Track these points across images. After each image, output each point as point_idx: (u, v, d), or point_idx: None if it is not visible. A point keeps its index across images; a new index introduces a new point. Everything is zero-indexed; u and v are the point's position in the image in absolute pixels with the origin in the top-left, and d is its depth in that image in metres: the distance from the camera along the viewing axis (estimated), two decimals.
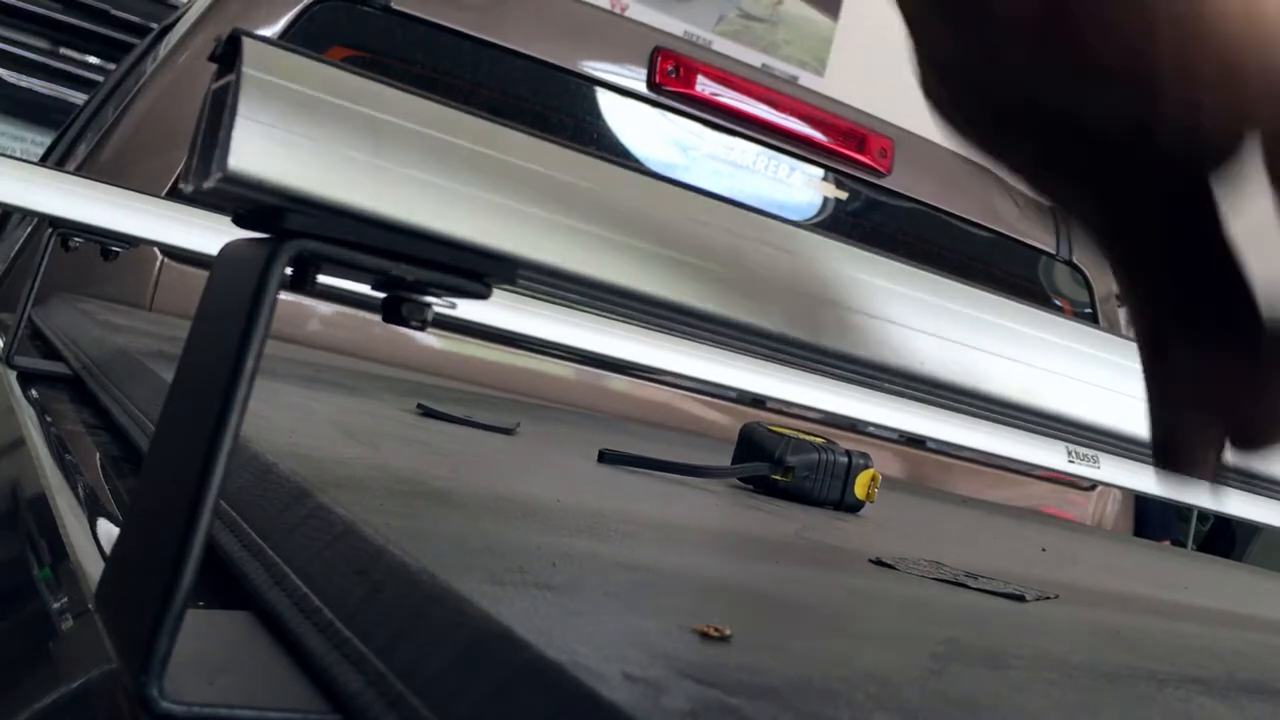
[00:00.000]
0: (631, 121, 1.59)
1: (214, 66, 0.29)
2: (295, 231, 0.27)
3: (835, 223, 1.72)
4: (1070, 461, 1.21)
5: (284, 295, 0.28)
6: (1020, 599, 0.49)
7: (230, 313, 0.28)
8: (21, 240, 1.50)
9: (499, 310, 1.00)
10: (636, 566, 0.40)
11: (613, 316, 0.91)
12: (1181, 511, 3.89)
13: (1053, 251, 1.87)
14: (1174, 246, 0.24)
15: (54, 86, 3.42)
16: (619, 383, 1.51)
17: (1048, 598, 0.51)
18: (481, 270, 0.30)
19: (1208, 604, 0.77)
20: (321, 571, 0.34)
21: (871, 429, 1.51)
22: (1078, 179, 0.24)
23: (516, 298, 0.90)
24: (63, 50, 3.49)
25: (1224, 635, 0.58)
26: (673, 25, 4.32)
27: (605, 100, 1.57)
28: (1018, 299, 0.46)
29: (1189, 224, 0.23)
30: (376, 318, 0.32)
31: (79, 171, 1.39)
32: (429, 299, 0.30)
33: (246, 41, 0.27)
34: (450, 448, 0.66)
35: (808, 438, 0.78)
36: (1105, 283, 1.94)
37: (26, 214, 1.27)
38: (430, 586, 0.29)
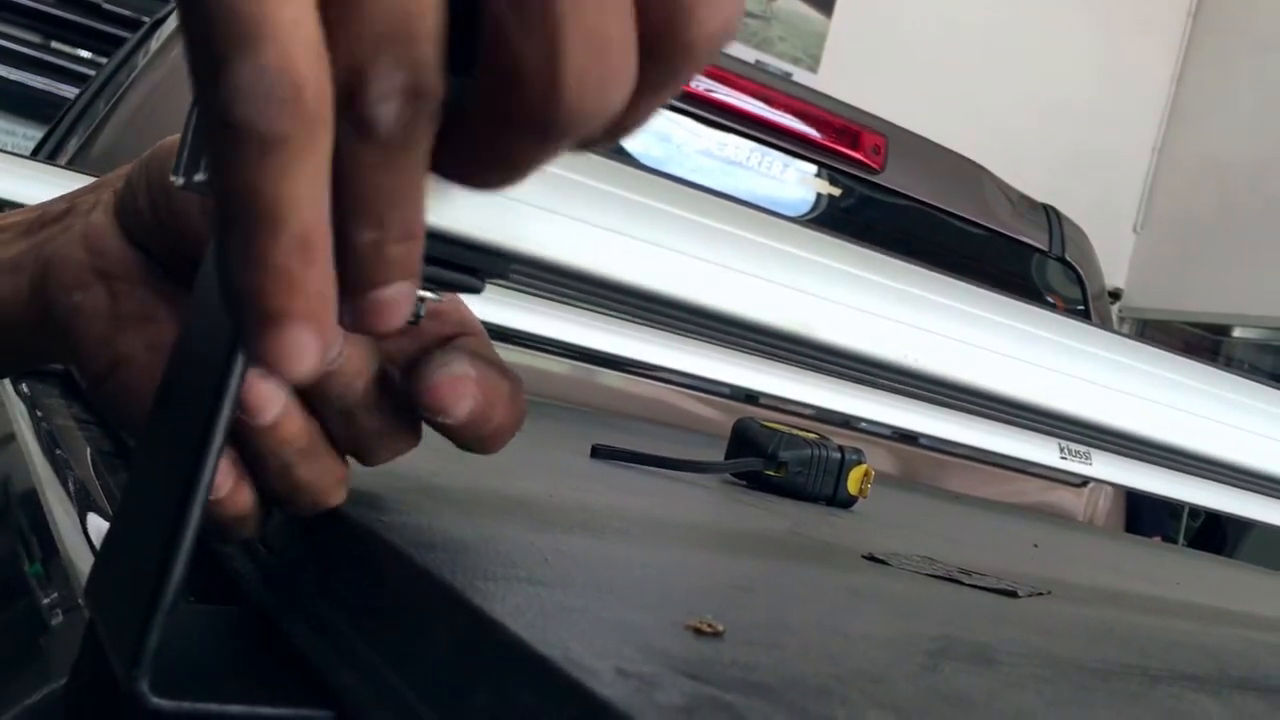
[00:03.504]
0: None
1: None
2: None
3: (828, 218, 1.72)
4: (1062, 458, 1.21)
5: None
6: (1013, 595, 0.49)
7: (219, 311, 0.27)
8: None
9: (492, 305, 0.99)
10: (629, 562, 0.40)
11: (606, 312, 0.91)
12: (1173, 508, 3.90)
13: (1045, 248, 1.87)
14: None
15: (45, 80, 3.41)
16: (612, 378, 1.51)
17: (1040, 594, 0.51)
18: (474, 265, 0.30)
19: (1199, 600, 0.78)
20: (312, 566, 0.34)
21: (864, 425, 1.52)
22: None
23: (509, 293, 0.90)
24: (54, 44, 3.47)
25: (1216, 631, 0.58)
26: None
27: None
28: (1010, 295, 0.46)
29: None
30: None
31: (70, 166, 1.38)
32: (421, 293, 0.30)
33: None
34: (442, 443, 0.66)
35: (801, 433, 0.78)
36: (1097, 280, 1.95)
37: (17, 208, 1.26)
38: (423, 581, 0.29)
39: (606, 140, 0.25)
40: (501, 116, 0.24)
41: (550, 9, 0.22)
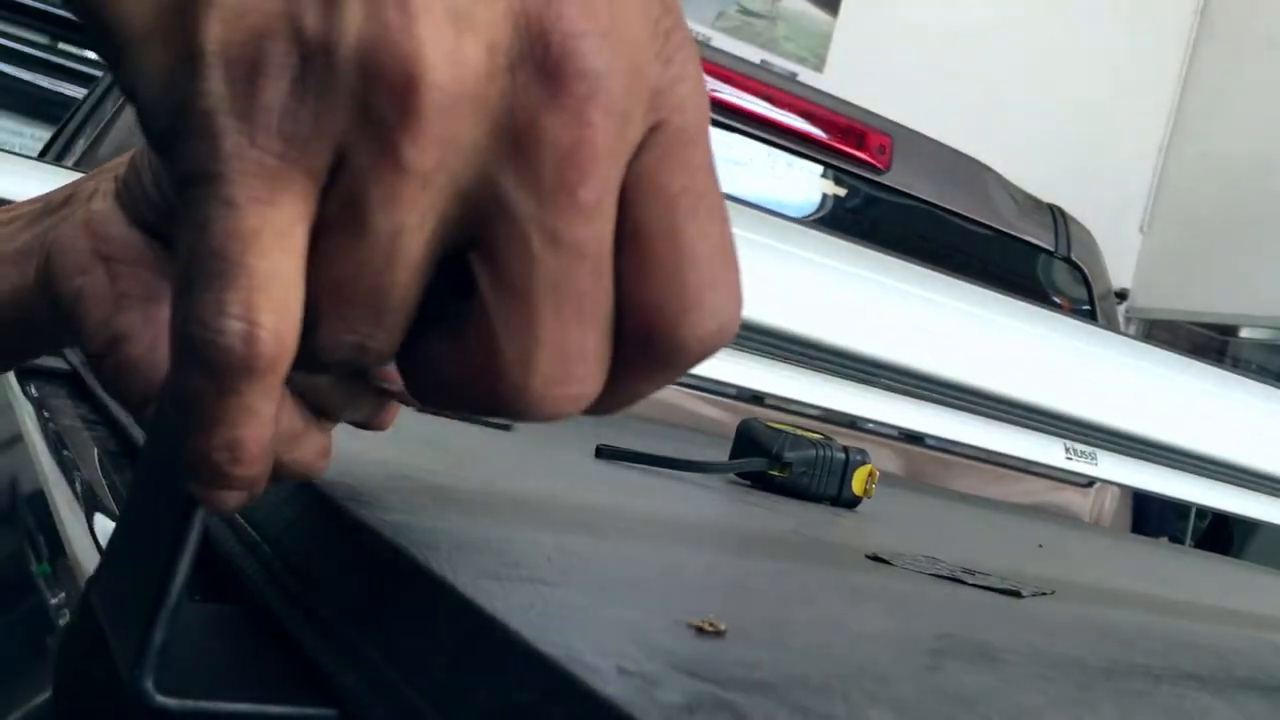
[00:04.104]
0: None
1: None
2: None
3: (834, 219, 1.72)
4: (1068, 458, 1.21)
5: None
6: (1016, 595, 0.49)
7: None
8: None
9: None
10: (632, 561, 0.40)
11: None
12: (1179, 508, 3.89)
13: (1051, 249, 1.87)
14: None
15: (53, 81, 3.42)
16: None
17: (1044, 594, 0.51)
18: None
19: (1205, 600, 0.78)
20: (317, 566, 0.34)
21: (870, 425, 1.52)
22: None
23: None
24: (61, 45, 3.48)
25: (1220, 631, 0.58)
26: None
27: None
28: (1016, 296, 0.46)
29: None
30: None
31: (78, 166, 1.39)
32: None
33: None
34: (448, 443, 0.66)
35: (805, 434, 0.78)
36: (1103, 280, 1.94)
37: None
38: (427, 581, 0.29)
39: (591, 414, 0.26)
40: (470, 386, 0.25)
41: (533, 322, 0.23)
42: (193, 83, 0.22)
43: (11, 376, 0.99)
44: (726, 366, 1.09)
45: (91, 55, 3.45)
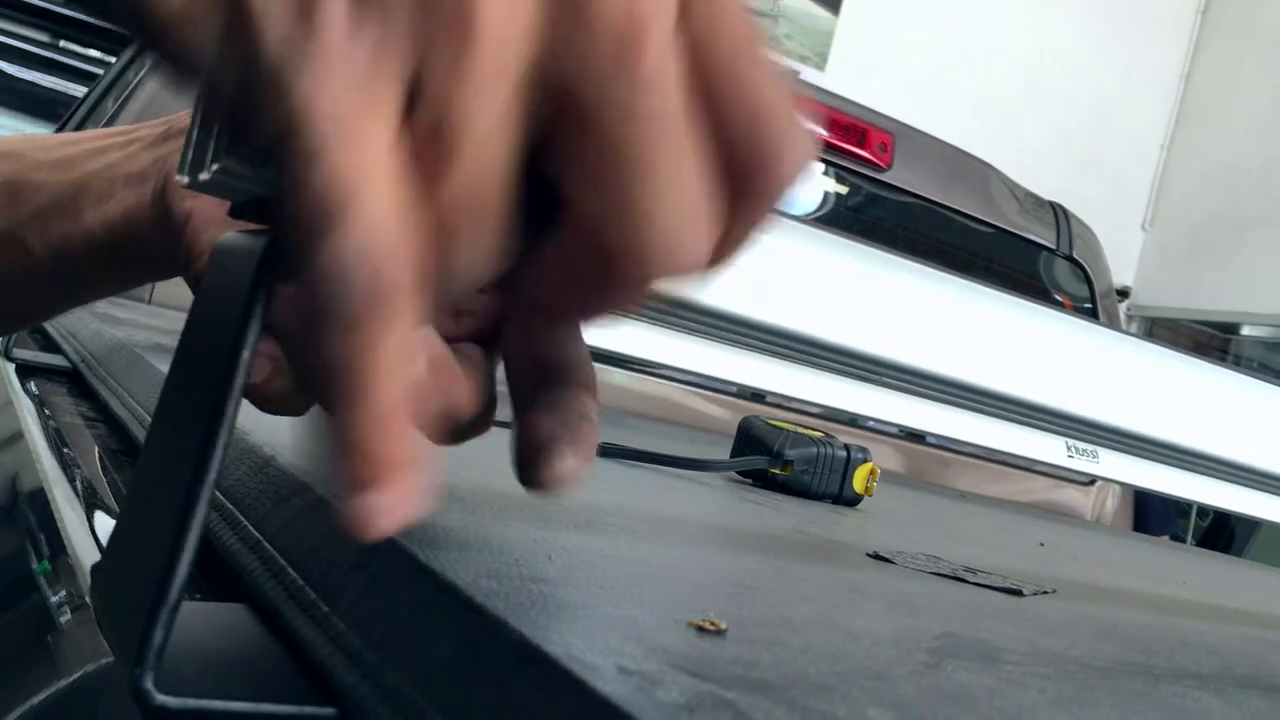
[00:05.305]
0: None
1: None
2: None
3: (835, 217, 1.72)
4: (1070, 456, 1.21)
5: None
6: (1018, 594, 0.49)
7: (227, 305, 0.28)
8: None
9: None
10: (633, 560, 0.40)
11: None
12: (1181, 507, 3.89)
13: (1053, 246, 1.87)
14: None
15: (54, 79, 3.42)
16: (618, 376, 1.51)
17: (1045, 592, 0.51)
18: None
19: (1206, 599, 0.77)
20: (318, 565, 0.34)
21: (871, 423, 1.52)
22: None
23: None
24: (62, 43, 3.48)
25: (1222, 630, 0.58)
26: None
27: None
28: (1017, 294, 0.46)
29: None
30: None
31: None
32: None
33: None
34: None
35: (806, 431, 0.78)
36: (1105, 278, 1.94)
37: None
38: (426, 580, 0.29)
39: (702, 276, 0.27)
40: (596, 275, 0.25)
41: (633, 193, 0.24)
42: (248, 46, 0.22)
43: (12, 373, 0.99)
44: (728, 363, 1.09)
45: (93, 52, 3.45)
